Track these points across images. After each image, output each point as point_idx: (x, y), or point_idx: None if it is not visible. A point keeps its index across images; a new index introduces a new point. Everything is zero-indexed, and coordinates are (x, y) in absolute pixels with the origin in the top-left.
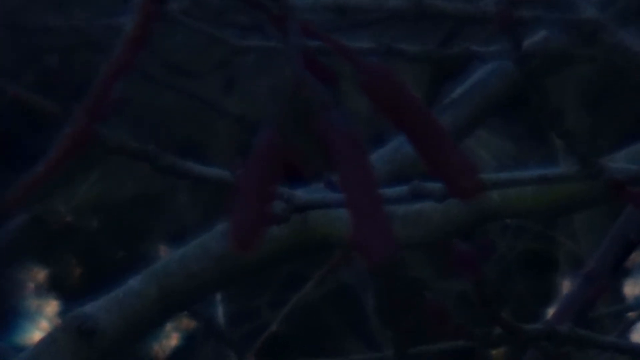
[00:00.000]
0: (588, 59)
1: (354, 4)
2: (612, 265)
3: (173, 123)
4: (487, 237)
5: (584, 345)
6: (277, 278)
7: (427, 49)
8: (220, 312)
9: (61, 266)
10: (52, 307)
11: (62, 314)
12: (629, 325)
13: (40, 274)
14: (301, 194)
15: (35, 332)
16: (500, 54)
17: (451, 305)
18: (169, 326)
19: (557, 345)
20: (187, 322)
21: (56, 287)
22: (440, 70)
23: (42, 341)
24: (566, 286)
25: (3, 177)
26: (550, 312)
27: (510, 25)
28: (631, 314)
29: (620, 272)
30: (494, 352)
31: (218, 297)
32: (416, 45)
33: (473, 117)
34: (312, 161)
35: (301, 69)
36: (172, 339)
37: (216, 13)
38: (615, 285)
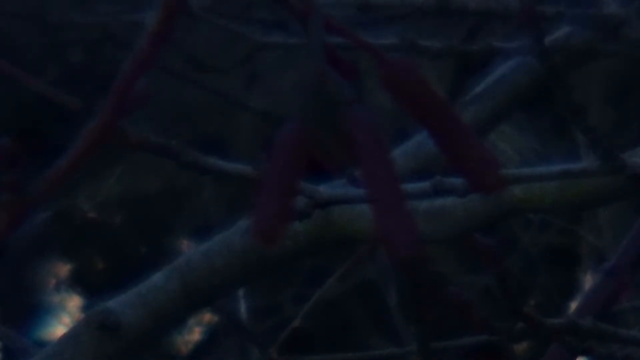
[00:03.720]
0: (611, 54)
1: (377, 0)
2: (634, 260)
3: (196, 118)
4: (510, 231)
5: (606, 340)
6: (300, 273)
7: (450, 45)
8: (243, 307)
9: (84, 261)
10: (74, 302)
11: (84, 309)
12: None
13: (64, 269)
14: (324, 189)
15: (58, 328)
16: (523, 50)
17: (475, 300)
18: (191, 321)
19: (579, 339)
20: (210, 317)
21: (79, 282)
22: (463, 66)
23: (65, 336)
24: (589, 281)
25: (27, 172)
26: (573, 306)
27: (533, 20)
28: None
29: None
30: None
31: (241, 292)
32: (439, 41)
33: (496, 113)
34: (334, 157)
35: (324, 65)
36: (194, 334)
37: (240, 9)
38: (638, 280)
